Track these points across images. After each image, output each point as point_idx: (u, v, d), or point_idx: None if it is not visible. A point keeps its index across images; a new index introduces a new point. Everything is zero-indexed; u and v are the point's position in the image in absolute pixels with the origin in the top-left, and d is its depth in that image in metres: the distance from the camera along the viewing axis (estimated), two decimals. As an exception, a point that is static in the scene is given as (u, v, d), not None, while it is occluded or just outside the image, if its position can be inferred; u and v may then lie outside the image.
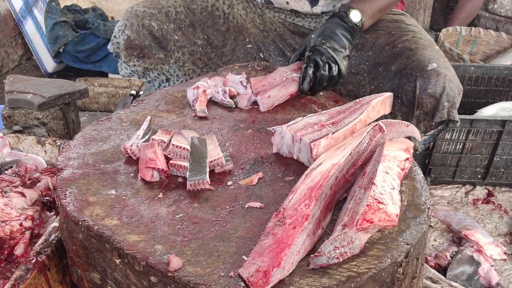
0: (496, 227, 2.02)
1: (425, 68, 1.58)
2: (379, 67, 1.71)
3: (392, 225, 0.93)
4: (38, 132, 1.90)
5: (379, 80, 1.69)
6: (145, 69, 1.92)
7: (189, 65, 1.93)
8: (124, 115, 1.41)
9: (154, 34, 1.86)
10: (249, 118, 1.43)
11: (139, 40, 1.85)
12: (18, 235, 1.31)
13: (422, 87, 1.57)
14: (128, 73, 1.94)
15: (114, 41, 1.96)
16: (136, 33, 1.84)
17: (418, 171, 1.20)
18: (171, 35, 1.87)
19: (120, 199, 1.09)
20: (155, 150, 1.13)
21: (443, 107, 1.58)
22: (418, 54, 1.63)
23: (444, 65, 1.60)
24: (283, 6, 1.84)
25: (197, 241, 0.98)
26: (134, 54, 1.88)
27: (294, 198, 1.00)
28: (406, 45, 1.68)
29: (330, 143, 1.18)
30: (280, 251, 0.89)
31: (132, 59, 1.90)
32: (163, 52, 1.89)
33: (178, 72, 1.94)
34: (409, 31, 1.76)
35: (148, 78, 1.98)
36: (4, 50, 3.38)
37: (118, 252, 0.98)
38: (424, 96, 1.57)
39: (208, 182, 1.11)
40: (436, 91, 1.56)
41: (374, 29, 1.78)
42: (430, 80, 1.56)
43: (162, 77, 1.96)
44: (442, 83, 1.56)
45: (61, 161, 1.20)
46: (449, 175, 2.25)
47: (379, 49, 1.73)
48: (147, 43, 1.86)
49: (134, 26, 1.84)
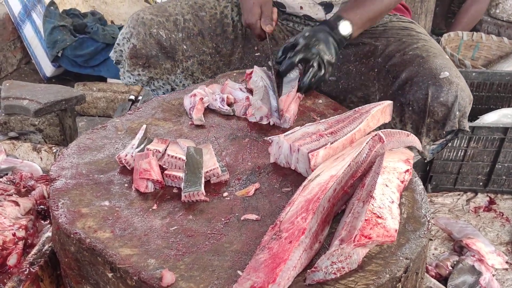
0: (498, 236, 2.00)
1: (437, 76, 1.55)
2: (389, 74, 1.68)
3: (391, 240, 0.90)
4: (34, 138, 1.88)
5: (388, 88, 1.67)
6: (150, 79, 1.86)
7: (198, 75, 1.88)
8: (120, 123, 1.39)
9: (162, 44, 1.79)
10: (247, 127, 1.40)
11: (146, 49, 1.78)
12: (11, 245, 1.29)
13: (434, 95, 1.54)
14: (132, 82, 1.88)
15: (117, 49, 1.88)
16: (143, 42, 1.77)
17: (418, 182, 1.17)
18: (180, 45, 1.81)
19: (113, 211, 1.07)
20: (149, 161, 1.11)
21: (455, 116, 1.56)
22: (429, 62, 1.60)
23: (456, 74, 1.58)
24: (296, 11, 1.81)
25: (191, 255, 0.96)
26: (139, 64, 1.81)
27: (291, 211, 0.97)
28: (417, 53, 1.66)
29: (328, 153, 1.16)
30: (276, 266, 0.86)
31: (137, 69, 1.83)
32: (170, 62, 1.83)
33: (185, 81, 1.88)
34: (420, 39, 1.73)
35: (152, 87, 1.93)
36: (3, 54, 3.37)
37: (110, 266, 0.95)
38: (436, 104, 1.55)
39: (203, 193, 1.09)
40: (448, 100, 1.53)
41: (384, 36, 1.76)
42: (442, 88, 1.53)
43: (167, 86, 1.90)
44: (454, 92, 1.53)
45: (54, 171, 1.18)
46: (450, 183, 2.23)
47: (389, 56, 1.70)
48: (154, 53, 1.79)
49: (141, 35, 1.77)
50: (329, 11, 1.75)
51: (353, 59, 1.78)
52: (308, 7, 1.77)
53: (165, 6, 1.84)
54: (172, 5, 1.85)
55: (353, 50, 1.78)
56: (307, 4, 1.77)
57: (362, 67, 1.74)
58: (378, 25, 1.81)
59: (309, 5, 1.77)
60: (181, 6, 1.84)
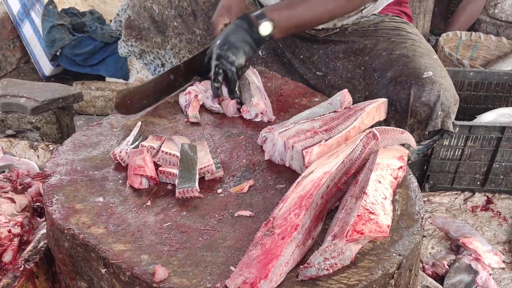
0: (495, 235, 1.99)
1: (420, 76, 1.54)
2: (374, 72, 1.68)
3: (383, 236, 0.90)
4: (32, 136, 1.88)
5: (373, 86, 1.67)
6: (142, 51, 1.94)
7: (184, 53, 1.92)
8: (115, 120, 1.39)
9: (154, 18, 1.87)
10: (242, 124, 1.40)
11: (139, 21, 1.88)
12: (6, 242, 1.28)
13: (416, 95, 1.53)
14: (126, 52, 1.96)
15: (117, 19, 1.99)
16: (137, 14, 1.87)
17: (412, 179, 1.17)
18: (171, 21, 1.88)
19: (107, 207, 1.07)
20: (143, 157, 1.11)
21: (437, 116, 1.55)
22: (414, 62, 1.60)
23: (440, 74, 1.57)
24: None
25: (184, 251, 0.96)
26: (133, 35, 1.90)
27: (284, 207, 0.98)
28: (403, 52, 1.65)
29: (323, 150, 1.16)
30: (268, 262, 0.86)
31: (130, 39, 1.92)
32: (161, 36, 1.90)
33: (173, 59, 1.94)
34: (409, 39, 1.73)
35: (144, 61, 2.00)
36: (2, 53, 3.37)
37: (103, 262, 0.95)
38: (418, 104, 1.54)
39: (197, 190, 1.09)
40: (430, 100, 1.53)
41: (374, 35, 1.76)
42: (424, 88, 1.53)
43: (158, 61, 1.97)
44: (437, 91, 1.52)
45: (49, 167, 1.18)
46: (447, 182, 2.23)
47: (376, 55, 1.70)
48: (146, 26, 1.88)
49: (136, 7, 1.87)
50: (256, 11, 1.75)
51: (341, 56, 1.79)
52: None
53: None
54: None
55: (342, 47, 1.78)
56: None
57: (349, 65, 1.75)
58: (369, 24, 1.81)
59: None
60: None
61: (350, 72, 1.74)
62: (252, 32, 1.48)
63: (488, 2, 3.72)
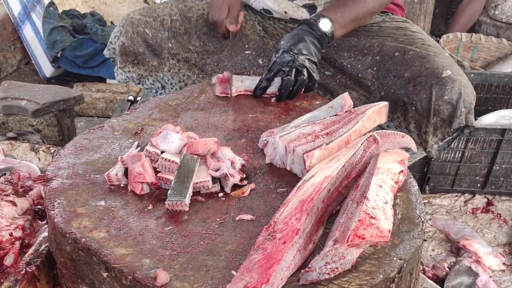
0: (495, 237, 2.00)
1: (439, 75, 1.58)
2: (389, 73, 1.70)
3: (384, 241, 0.91)
4: (33, 139, 1.89)
5: (389, 86, 1.69)
6: (140, 76, 1.93)
7: (184, 71, 1.92)
8: (117, 124, 1.40)
9: (148, 42, 1.86)
10: (243, 128, 1.41)
11: (133, 47, 1.86)
12: (8, 245, 1.29)
13: (438, 94, 1.57)
14: (124, 79, 1.95)
15: (110, 47, 1.98)
16: (131, 40, 1.86)
17: (413, 183, 1.18)
18: (165, 43, 1.87)
19: (109, 211, 1.07)
20: (142, 163, 1.11)
21: (461, 113, 1.58)
22: (431, 62, 1.63)
23: (458, 71, 1.61)
24: (282, 16, 1.85)
25: (185, 255, 0.96)
26: (129, 61, 1.89)
27: (285, 211, 0.98)
28: (417, 52, 1.68)
29: (324, 154, 1.16)
30: (269, 266, 0.86)
31: (127, 65, 1.91)
32: (157, 59, 1.89)
33: (172, 80, 1.94)
34: (417, 38, 1.75)
35: (144, 85, 1.99)
36: (3, 55, 3.37)
37: (105, 266, 0.96)
38: (441, 103, 1.57)
39: (187, 204, 1.07)
40: (453, 98, 1.56)
41: (380, 35, 1.78)
42: (446, 87, 1.56)
43: (158, 84, 1.96)
44: (458, 89, 1.56)
45: (50, 171, 1.19)
46: (448, 184, 2.23)
47: (388, 55, 1.72)
48: (141, 50, 1.87)
49: (128, 33, 1.86)
50: (313, 12, 1.78)
51: (347, 55, 1.79)
52: (292, 10, 1.81)
53: (155, 8, 1.92)
54: (162, 7, 1.93)
55: (346, 45, 1.79)
56: (290, 8, 1.81)
57: (358, 64, 1.76)
58: (372, 24, 1.82)
59: (292, 9, 1.80)
60: (170, 8, 1.92)
61: (360, 72, 1.75)
62: (314, 31, 1.56)
63: (488, 3, 3.72)
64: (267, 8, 1.86)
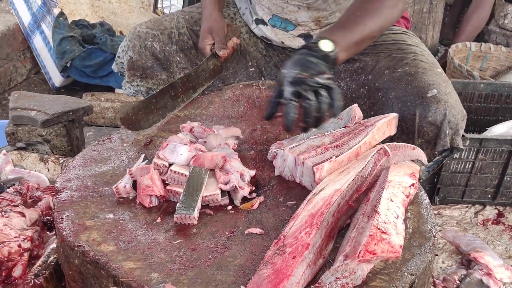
0: (507, 249, 1.97)
1: (424, 95, 1.51)
2: (378, 92, 1.65)
3: (395, 256, 0.89)
4: (42, 149, 1.89)
5: (378, 106, 1.64)
6: (148, 89, 1.91)
7: None
8: (126, 135, 1.40)
9: (156, 56, 1.85)
10: (252, 140, 1.40)
11: (141, 61, 1.84)
12: (17, 257, 1.29)
13: (422, 115, 1.51)
14: (132, 92, 1.93)
15: (118, 61, 1.96)
16: (138, 54, 1.83)
17: (424, 196, 1.16)
18: (174, 57, 1.86)
19: (117, 224, 1.07)
20: (151, 176, 1.11)
21: (445, 135, 1.52)
22: (417, 80, 1.56)
23: (445, 90, 1.53)
24: (280, 45, 1.84)
25: (194, 269, 0.95)
26: (137, 75, 1.87)
27: (295, 226, 0.97)
28: (406, 70, 1.62)
29: (333, 167, 1.15)
30: (279, 282, 0.86)
31: (135, 79, 1.89)
32: (166, 73, 1.88)
33: None
34: (410, 53, 1.69)
35: None
36: (13, 64, 3.40)
37: (113, 280, 0.95)
38: (425, 124, 1.51)
39: (195, 218, 1.07)
40: (437, 119, 1.50)
41: (374, 51, 1.73)
42: (429, 107, 1.50)
43: None
44: (442, 110, 1.49)
45: (59, 183, 1.19)
46: (458, 195, 2.21)
47: (379, 73, 1.67)
48: (149, 64, 1.85)
49: (136, 48, 1.84)
50: (309, 40, 1.74)
51: (343, 75, 1.76)
52: (289, 40, 1.79)
53: (162, 20, 1.90)
54: (168, 19, 1.91)
55: (343, 66, 1.75)
56: (287, 39, 1.79)
57: (353, 84, 1.72)
58: None
59: (289, 39, 1.79)
60: (177, 20, 1.89)
61: (354, 92, 1.72)
62: (315, 52, 1.31)
63: (498, 12, 3.71)
64: (265, 37, 1.85)
